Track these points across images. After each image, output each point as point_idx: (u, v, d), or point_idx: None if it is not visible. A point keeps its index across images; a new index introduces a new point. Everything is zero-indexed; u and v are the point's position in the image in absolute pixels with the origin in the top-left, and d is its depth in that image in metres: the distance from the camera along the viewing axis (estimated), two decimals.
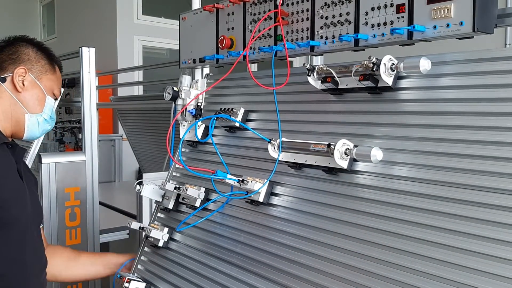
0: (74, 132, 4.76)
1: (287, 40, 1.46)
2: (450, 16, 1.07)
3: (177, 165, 1.87)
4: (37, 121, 1.50)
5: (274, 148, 1.39)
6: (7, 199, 1.32)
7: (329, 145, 1.23)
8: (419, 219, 1.10)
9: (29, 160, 2.48)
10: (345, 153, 1.22)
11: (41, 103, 1.51)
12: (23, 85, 1.48)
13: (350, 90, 1.29)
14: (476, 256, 1.00)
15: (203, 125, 1.75)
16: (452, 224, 1.05)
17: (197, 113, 1.80)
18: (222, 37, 1.66)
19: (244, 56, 1.58)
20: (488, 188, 1.00)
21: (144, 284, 1.72)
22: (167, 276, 1.71)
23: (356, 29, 1.27)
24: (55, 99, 1.58)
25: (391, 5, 1.18)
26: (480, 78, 1.07)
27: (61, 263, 1.71)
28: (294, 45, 1.43)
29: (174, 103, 1.81)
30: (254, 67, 2.55)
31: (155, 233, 1.74)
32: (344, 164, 1.23)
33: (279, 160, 1.39)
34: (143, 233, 1.79)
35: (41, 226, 1.58)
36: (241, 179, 1.43)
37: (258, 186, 1.43)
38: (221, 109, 1.66)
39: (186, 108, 1.77)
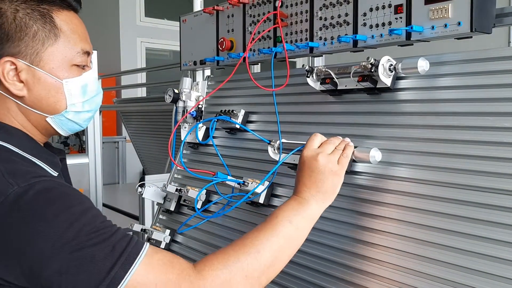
0: (78, 134, 4.79)
1: (286, 42, 1.46)
2: (448, 17, 1.07)
3: (178, 167, 1.88)
4: (67, 118, 1.06)
5: (274, 150, 1.39)
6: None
7: None
8: (418, 219, 1.10)
9: None
10: None
11: (58, 96, 1.03)
12: (21, 82, 1.00)
13: (349, 91, 1.29)
14: (475, 256, 1.00)
15: (204, 127, 1.75)
16: (452, 224, 1.04)
17: (198, 115, 1.80)
18: (222, 39, 1.66)
19: (244, 58, 1.58)
20: (487, 188, 1.00)
21: None
22: None
23: (355, 30, 1.27)
24: (82, 69, 1.07)
25: (389, 5, 1.18)
26: (479, 78, 1.07)
27: None
28: (294, 46, 1.43)
29: (175, 105, 1.82)
30: (257, 68, 2.55)
31: (157, 235, 1.74)
32: None
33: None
34: (145, 235, 1.79)
35: None
36: (242, 181, 1.43)
37: (258, 188, 1.43)
38: (221, 111, 1.67)
39: (187, 111, 1.78)
